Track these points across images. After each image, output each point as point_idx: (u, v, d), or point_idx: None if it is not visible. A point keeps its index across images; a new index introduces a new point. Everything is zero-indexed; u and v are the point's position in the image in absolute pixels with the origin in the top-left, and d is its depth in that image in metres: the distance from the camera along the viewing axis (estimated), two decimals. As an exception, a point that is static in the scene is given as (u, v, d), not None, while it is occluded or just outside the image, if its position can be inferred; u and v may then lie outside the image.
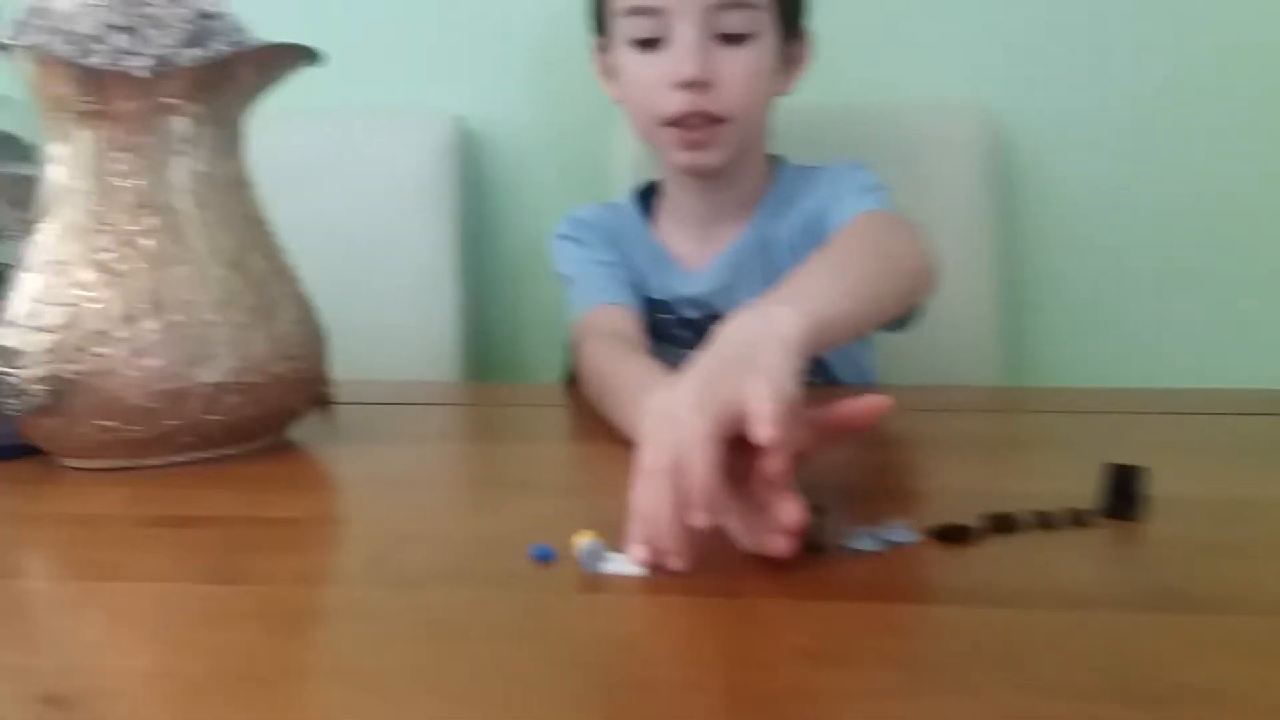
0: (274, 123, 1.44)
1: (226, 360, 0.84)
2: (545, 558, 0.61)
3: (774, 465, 0.53)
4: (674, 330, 1.12)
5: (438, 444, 0.97)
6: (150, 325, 0.81)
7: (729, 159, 1.07)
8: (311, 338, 0.92)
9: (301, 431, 0.97)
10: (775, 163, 1.17)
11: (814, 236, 1.03)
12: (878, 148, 1.25)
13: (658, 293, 1.14)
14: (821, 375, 1.11)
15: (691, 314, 1.12)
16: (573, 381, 1.05)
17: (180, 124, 0.83)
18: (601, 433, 0.88)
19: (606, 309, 1.08)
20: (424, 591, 0.57)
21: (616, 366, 0.92)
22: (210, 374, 0.83)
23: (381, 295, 1.41)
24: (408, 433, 0.96)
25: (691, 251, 1.15)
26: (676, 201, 1.16)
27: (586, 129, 1.50)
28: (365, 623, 0.52)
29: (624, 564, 0.60)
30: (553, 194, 1.51)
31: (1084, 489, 0.68)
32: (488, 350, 1.56)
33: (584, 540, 0.60)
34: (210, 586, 0.58)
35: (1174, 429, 0.91)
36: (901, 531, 0.66)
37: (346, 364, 1.35)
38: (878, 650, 0.47)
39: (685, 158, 1.07)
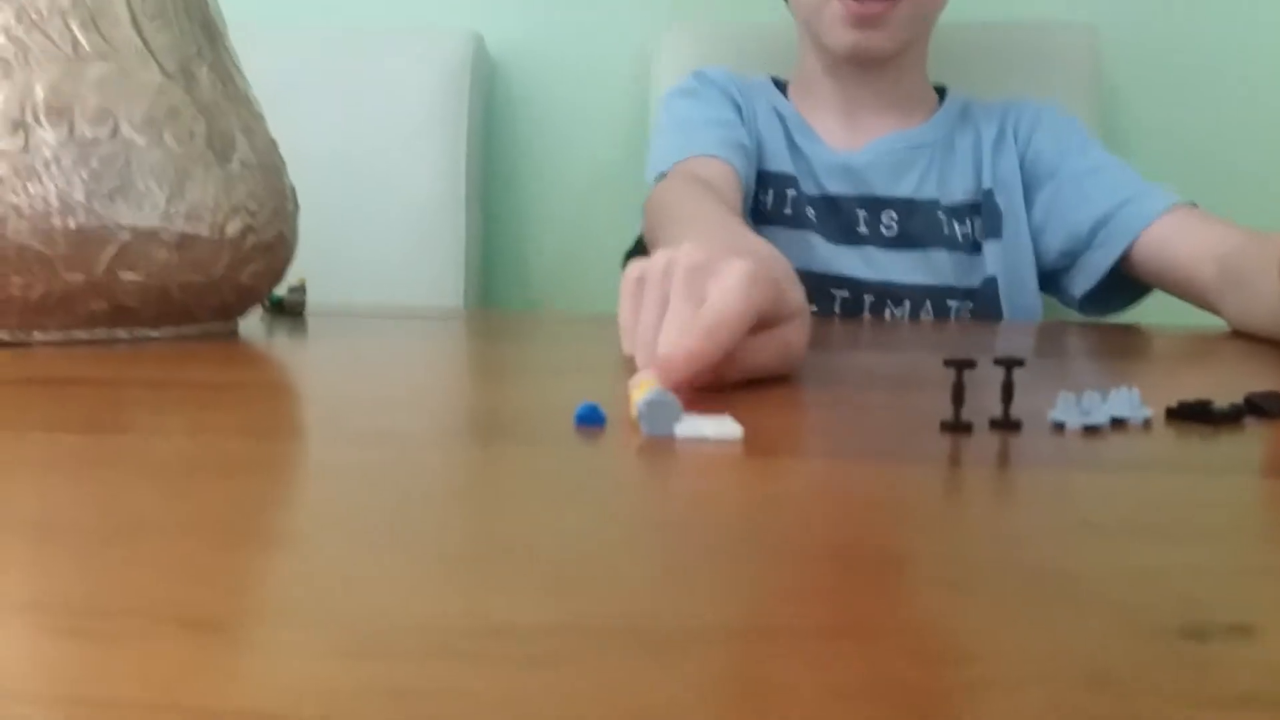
0: (282, 42, 1.30)
1: (155, 199, 0.62)
2: (593, 421, 0.39)
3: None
4: (793, 209, 1.00)
5: (426, 343, 0.73)
6: (47, 138, 0.59)
7: (899, 44, 0.98)
8: (274, 194, 0.69)
9: (253, 328, 0.75)
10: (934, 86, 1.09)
11: (1034, 180, 1.00)
12: (987, 66, 1.16)
13: (783, 165, 1.02)
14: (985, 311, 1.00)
15: (833, 189, 1.00)
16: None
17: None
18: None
19: (703, 160, 0.93)
20: (394, 449, 0.34)
21: (690, 204, 0.75)
22: (130, 215, 0.61)
23: (388, 221, 1.25)
24: (391, 336, 0.73)
25: (836, 133, 1.04)
26: (823, 90, 1.05)
27: (616, 55, 1.35)
28: (327, 477, 0.30)
29: (709, 426, 0.37)
30: (576, 125, 1.33)
31: None
32: (496, 283, 1.40)
33: (648, 392, 0.38)
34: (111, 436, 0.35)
35: None
36: (1126, 404, 0.43)
37: (348, 292, 1.19)
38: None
39: (852, 37, 0.96)
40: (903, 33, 0.97)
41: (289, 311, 0.83)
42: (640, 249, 0.96)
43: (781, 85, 1.10)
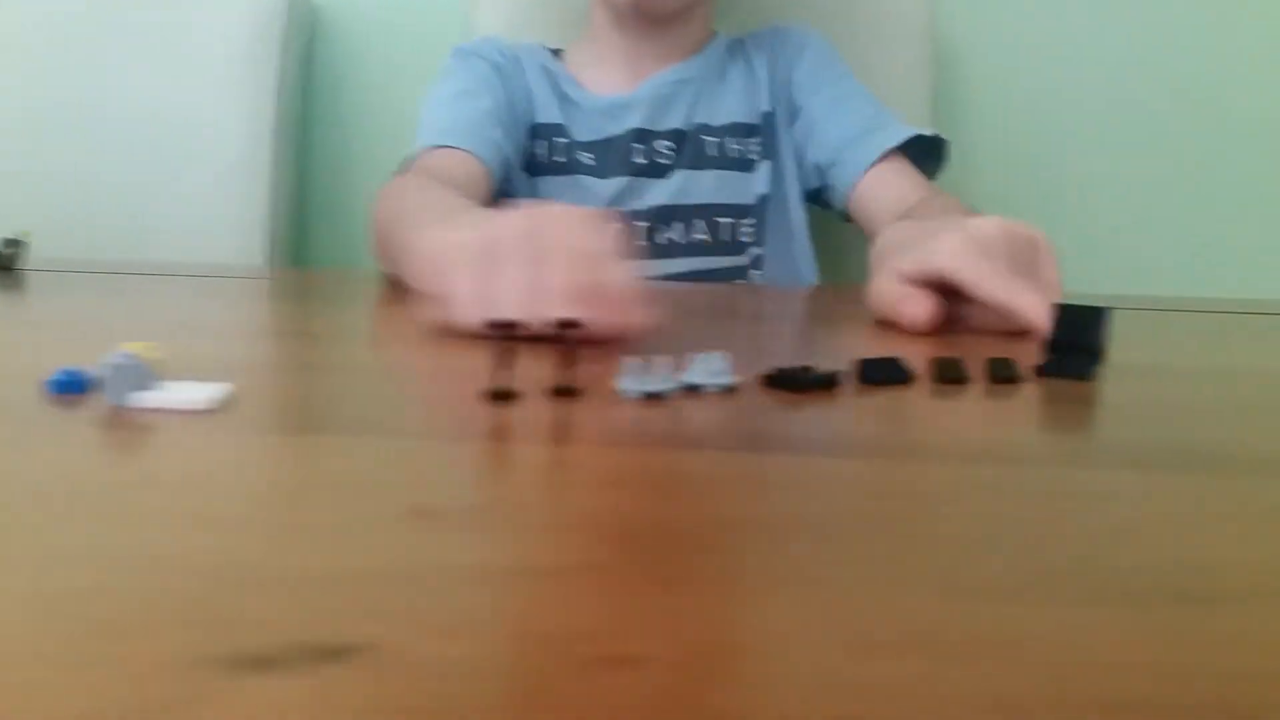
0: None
1: None
2: (69, 388, 0.36)
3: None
4: (565, 156, 1.01)
5: (105, 303, 0.70)
6: None
7: (683, 2, 0.99)
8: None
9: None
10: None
11: (796, 103, 1.02)
12: (821, 25, 1.12)
13: (553, 116, 1.03)
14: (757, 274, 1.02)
15: (606, 130, 1.01)
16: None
17: None
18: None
19: (449, 152, 0.92)
20: None
21: (419, 196, 0.74)
22: None
23: (189, 180, 1.20)
24: (78, 296, 0.69)
25: (613, 82, 1.05)
26: (609, 41, 1.05)
27: (438, 5, 1.30)
28: None
29: (185, 393, 0.35)
30: (399, 79, 1.28)
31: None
32: (315, 242, 1.35)
33: (111, 355, 0.35)
34: None
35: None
36: (710, 371, 0.41)
37: (147, 251, 1.14)
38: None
39: None
40: None
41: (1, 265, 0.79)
42: None
43: (555, 52, 1.10)
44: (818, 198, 1.03)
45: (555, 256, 0.48)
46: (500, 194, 0.94)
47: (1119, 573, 0.24)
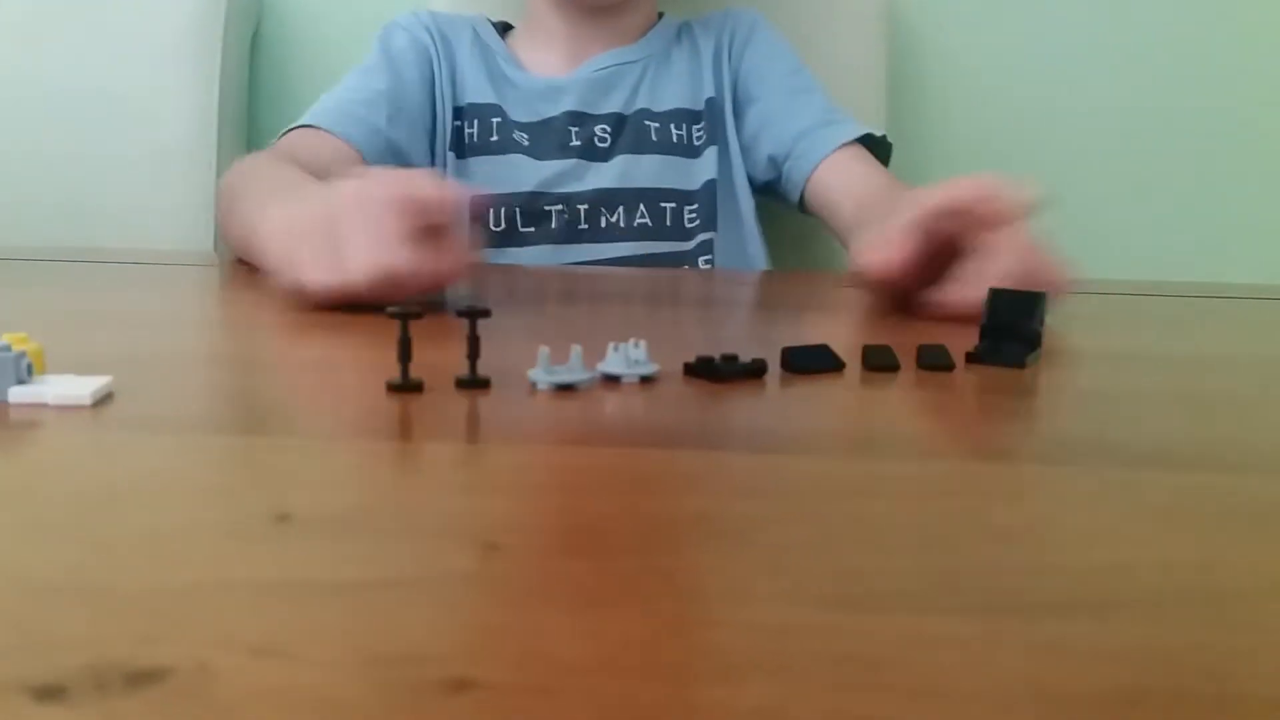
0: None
1: None
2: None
3: None
4: (499, 135, 0.99)
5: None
6: None
7: None
8: None
9: None
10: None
11: (746, 93, 1.01)
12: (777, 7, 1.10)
13: (485, 95, 1.00)
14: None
15: (544, 112, 0.99)
16: None
17: None
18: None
19: (314, 133, 0.89)
20: None
21: (265, 173, 0.73)
22: None
23: (132, 165, 1.16)
24: None
25: (552, 65, 1.02)
26: (549, 25, 1.03)
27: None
28: None
29: (61, 388, 0.33)
30: (342, 63, 1.24)
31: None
32: None
33: None
34: None
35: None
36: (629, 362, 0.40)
37: (90, 237, 1.11)
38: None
39: None
40: None
41: None
42: None
43: (499, 26, 1.07)
44: (770, 190, 1.01)
45: (388, 210, 0.52)
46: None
47: (1006, 580, 0.22)
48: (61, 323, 0.51)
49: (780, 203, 1.01)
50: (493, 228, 0.93)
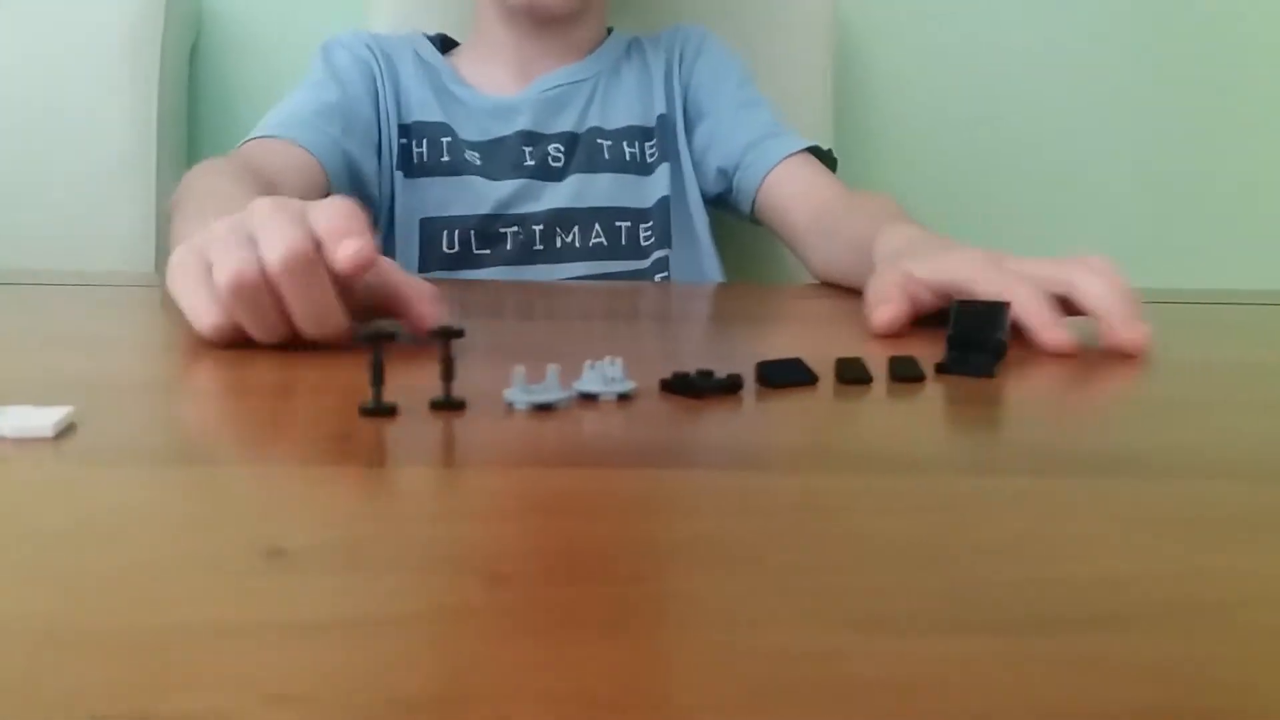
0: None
1: None
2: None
3: None
4: (451, 155, 0.97)
5: None
6: None
7: (579, 2, 0.97)
8: None
9: None
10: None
11: (695, 108, 1.02)
12: (721, 16, 1.12)
13: (432, 114, 0.98)
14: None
15: (495, 131, 0.98)
16: None
17: None
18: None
19: (273, 143, 0.86)
20: None
21: (205, 185, 0.69)
22: None
23: (66, 180, 1.13)
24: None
25: (500, 82, 1.01)
26: (496, 39, 1.02)
27: (325, 3, 1.26)
28: None
29: (17, 418, 0.31)
30: (282, 76, 1.23)
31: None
32: None
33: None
34: None
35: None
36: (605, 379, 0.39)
37: (22, 257, 1.07)
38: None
39: None
40: None
41: None
42: None
43: (437, 39, 1.06)
44: (721, 202, 1.02)
45: (265, 235, 0.45)
46: (362, 198, 0.90)
47: (1019, 596, 0.22)
48: (6, 349, 0.49)
49: (732, 215, 1.02)
50: (446, 250, 0.92)
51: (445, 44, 1.06)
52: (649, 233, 0.97)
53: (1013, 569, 0.24)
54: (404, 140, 0.96)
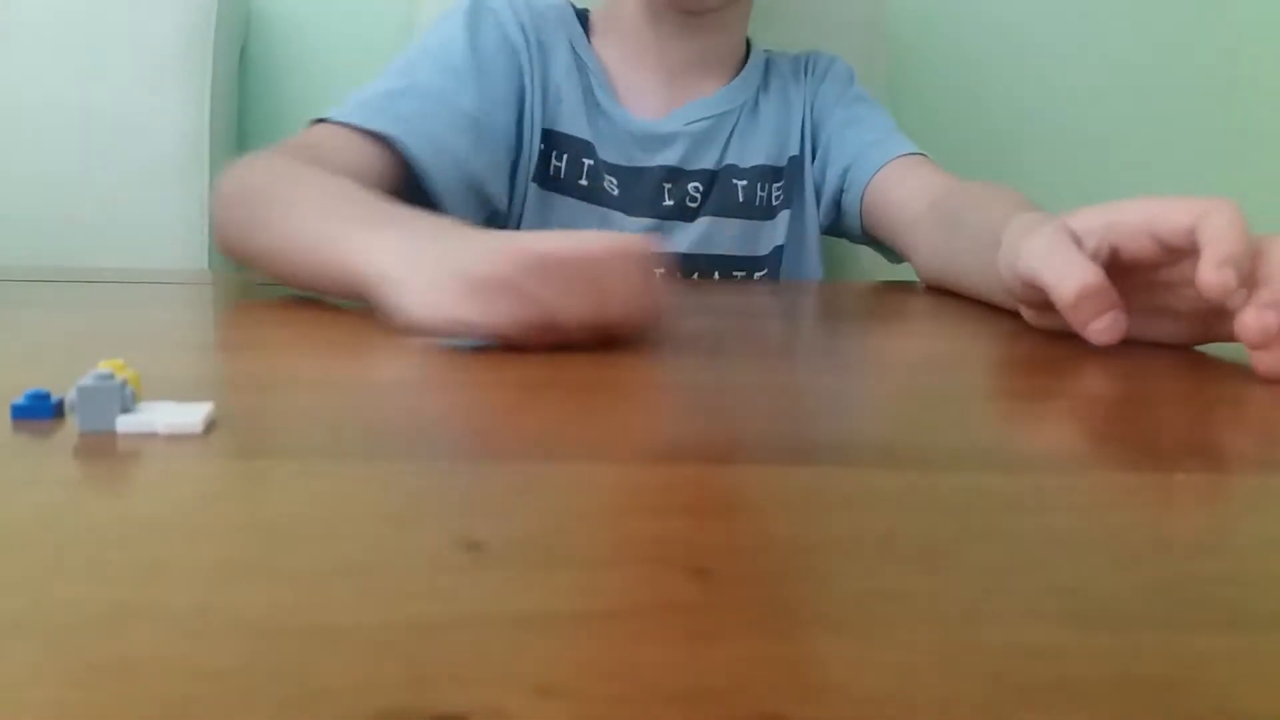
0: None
1: None
2: (33, 414, 0.32)
3: None
4: (589, 180, 0.89)
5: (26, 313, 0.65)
6: None
7: None
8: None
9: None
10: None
11: (815, 136, 0.95)
12: (773, 19, 1.09)
13: (579, 129, 0.89)
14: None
15: (637, 160, 0.91)
16: None
17: None
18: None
19: (357, 137, 0.75)
20: None
21: (307, 181, 0.62)
22: None
23: (121, 184, 1.13)
24: None
25: (645, 94, 0.93)
26: (640, 41, 0.93)
27: (375, 4, 1.25)
28: None
29: (167, 415, 0.31)
30: (340, 74, 1.23)
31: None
32: None
33: (85, 377, 0.31)
34: None
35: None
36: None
37: (79, 257, 1.08)
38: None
39: None
40: None
41: None
42: None
43: (583, 17, 0.95)
44: (834, 226, 0.95)
45: (574, 304, 0.44)
46: (489, 207, 0.84)
47: (1234, 592, 0.22)
48: (117, 347, 0.49)
49: (845, 235, 0.97)
50: None
51: (579, 16, 0.95)
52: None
53: (1214, 565, 0.24)
54: (544, 146, 0.88)
